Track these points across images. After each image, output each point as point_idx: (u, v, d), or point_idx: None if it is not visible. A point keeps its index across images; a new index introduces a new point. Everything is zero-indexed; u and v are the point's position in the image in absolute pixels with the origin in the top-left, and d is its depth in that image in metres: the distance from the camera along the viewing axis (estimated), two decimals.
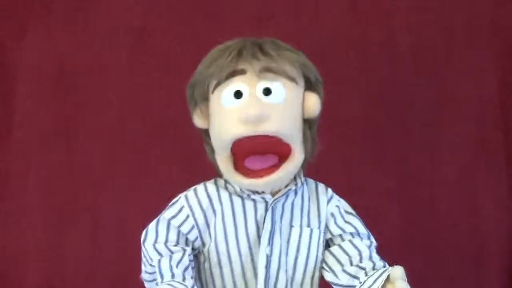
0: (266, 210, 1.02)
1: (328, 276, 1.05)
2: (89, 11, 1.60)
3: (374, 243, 1.08)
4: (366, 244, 1.06)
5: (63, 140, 1.57)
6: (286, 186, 1.04)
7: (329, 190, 1.10)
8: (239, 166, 1.00)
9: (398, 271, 0.91)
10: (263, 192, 1.02)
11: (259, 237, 1.01)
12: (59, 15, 1.61)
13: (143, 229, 1.04)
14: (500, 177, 1.55)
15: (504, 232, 1.54)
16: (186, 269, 0.99)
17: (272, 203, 1.02)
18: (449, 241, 1.53)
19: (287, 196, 1.04)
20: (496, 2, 1.59)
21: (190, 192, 1.05)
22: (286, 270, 1.03)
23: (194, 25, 1.59)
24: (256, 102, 0.97)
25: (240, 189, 1.02)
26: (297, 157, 1.00)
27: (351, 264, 1.03)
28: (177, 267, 0.98)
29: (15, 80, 1.59)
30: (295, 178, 1.05)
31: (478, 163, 1.55)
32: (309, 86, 1.04)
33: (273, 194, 1.03)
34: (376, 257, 1.04)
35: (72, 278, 1.53)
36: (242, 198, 1.03)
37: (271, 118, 0.96)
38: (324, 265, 1.06)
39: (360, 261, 1.03)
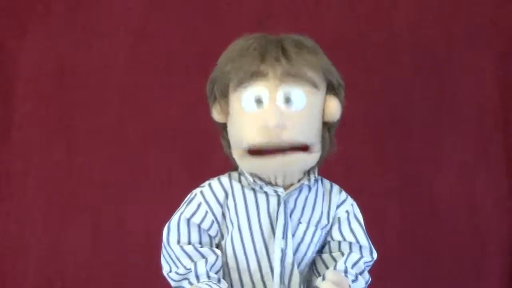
0: (278, 204, 1.01)
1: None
2: (89, 11, 1.60)
3: (369, 258, 1.06)
4: (355, 257, 1.04)
5: (63, 140, 1.57)
6: (299, 181, 1.03)
7: (343, 193, 1.09)
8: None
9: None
10: (276, 184, 1.01)
11: (273, 230, 1.01)
12: (59, 15, 1.60)
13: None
14: (500, 177, 1.55)
15: (504, 232, 1.54)
16: (217, 272, 1.00)
17: (284, 197, 1.01)
18: (449, 241, 1.53)
19: (300, 191, 1.04)
20: (496, 2, 1.59)
21: (205, 188, 1.04)
22: (298, 267, 1.02)
23: (194, 25, 1.58)
24: (275, 111, 0.95)
25: (253, 181, 1.01)
26: (313, 153, 0.99)
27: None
28: (211, 270, 0.98)
29: (15, 80, 1.59)
30: (308, 174, 1.04)
31: (478, 163, 1.55)
32: (331, 89, 1.02)
33: (285, 188, 1.02)
34: (342, 266, 1.02)
35: (72, 278, 1.53)
36: (255, 191, 1.02)
37: (289, 128, 0.95)
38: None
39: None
